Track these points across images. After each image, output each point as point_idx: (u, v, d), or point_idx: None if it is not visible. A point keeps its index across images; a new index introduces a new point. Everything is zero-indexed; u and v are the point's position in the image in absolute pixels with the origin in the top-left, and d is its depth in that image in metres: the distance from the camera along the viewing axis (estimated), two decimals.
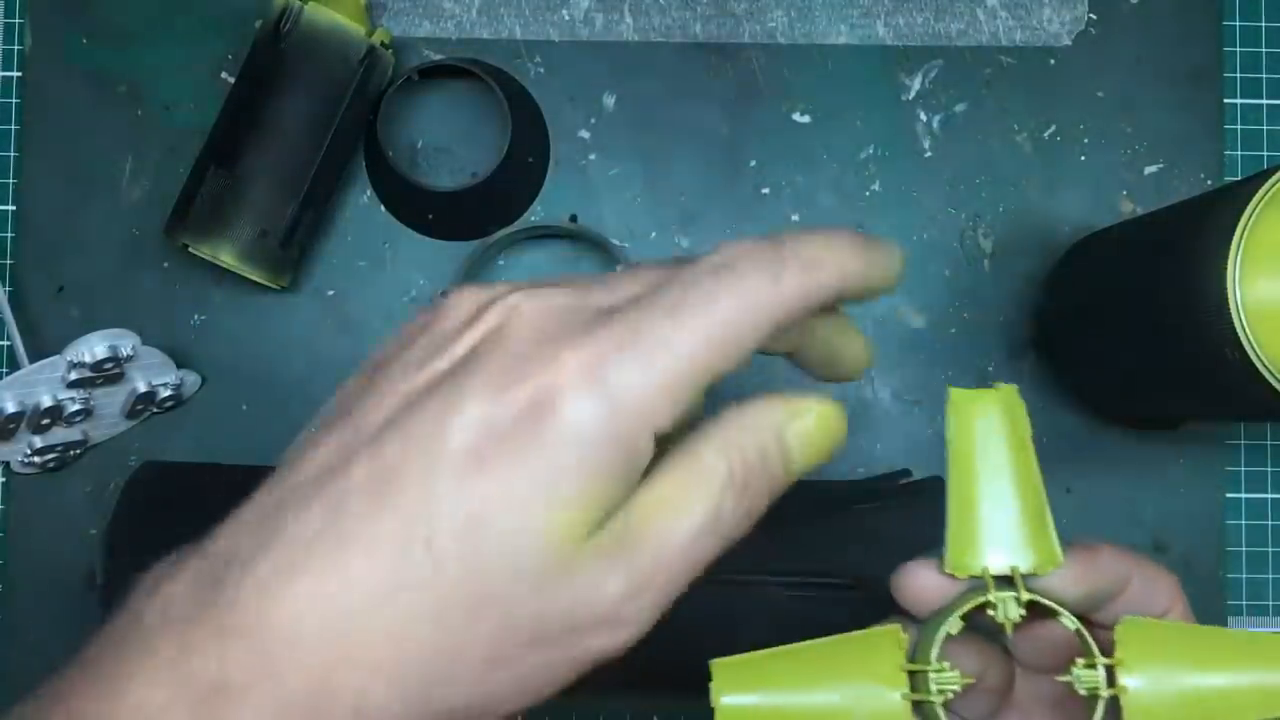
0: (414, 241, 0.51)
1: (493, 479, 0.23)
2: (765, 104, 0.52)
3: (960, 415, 0.30)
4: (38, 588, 0.50)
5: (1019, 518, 0.29)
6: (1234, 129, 0.52)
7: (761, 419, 0.26)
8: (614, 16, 0.52)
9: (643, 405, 0.24)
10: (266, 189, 0.47)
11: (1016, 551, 0.29)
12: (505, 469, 0.23)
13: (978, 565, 0.29)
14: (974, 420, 0.31)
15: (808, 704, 0.29)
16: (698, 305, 0.24)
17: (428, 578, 0.23)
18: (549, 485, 0.23)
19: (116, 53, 0.52)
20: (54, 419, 0.48)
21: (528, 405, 0.23)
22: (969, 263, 0.52)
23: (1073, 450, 0.51)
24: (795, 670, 0.29)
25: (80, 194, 0.51)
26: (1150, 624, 0.29)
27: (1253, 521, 0.51)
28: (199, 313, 0.51)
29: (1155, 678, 0.28)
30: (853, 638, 0.29)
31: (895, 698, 0.28)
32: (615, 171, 0.52)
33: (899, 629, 0.29)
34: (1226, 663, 0.28)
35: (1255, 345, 0.35)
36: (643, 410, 0.24)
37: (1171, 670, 0.28)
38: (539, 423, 0.23)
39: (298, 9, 0.47)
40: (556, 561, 0.23)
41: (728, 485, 0.25)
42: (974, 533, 0.29)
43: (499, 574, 0.23)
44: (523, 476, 0.23)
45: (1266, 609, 0.51)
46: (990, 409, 0.30)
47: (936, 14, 0.52)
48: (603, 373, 0.23)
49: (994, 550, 0.29)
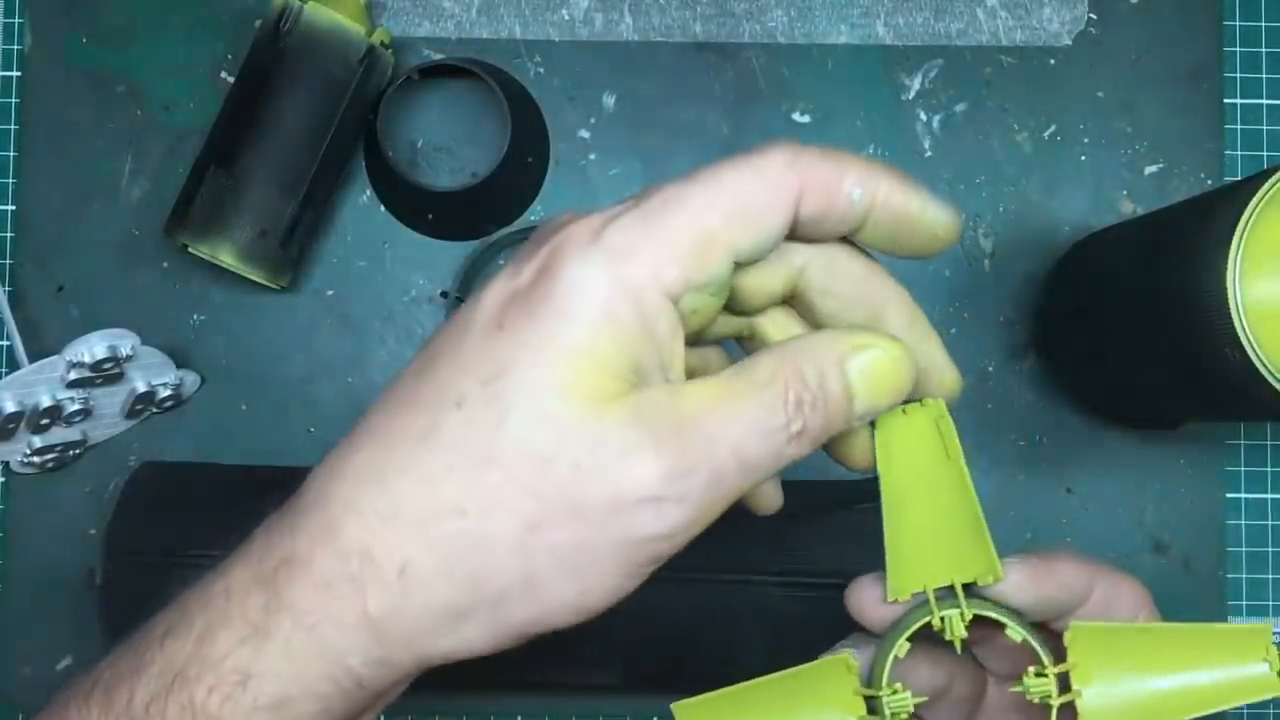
0: (414, 241, 0.51)
1: (511, 337, 0.24)
2: (765, 104, 0.52)
3: (887, 435, 0.30)
4: (37, 587, 0.50)
5: (954, 533, 0.29)
6: (1234, 129, 0.52)
7: (823, 346, 0.26)
8: (614, 16, 0.52)
9: (644, 260, 0.24)
10: (266, 189, 0.47)
11: (955, 566, 0.29)
12: (522, 328, 0.24)
13: (917, 585, 0.29)
14: (902, 439, 0.30)
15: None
16: (706, 176, 0.26)
17: (460, 438, 0.24)
18: (559, 337, 0.24)
19: (116, 53, 0.52)
20: (53, 419, 0.48)
21: (539, 269, 0.25)
22: (969, 263, 0.52)
23: (1073, 450, 0.51)
24: (754, 706, 0.29)
25: (80, 194, 0.51)
26: (1098, 627, 0.29)
27: (1253, 521, 0.51)
28: (198, 313, 0.51)
29: (1107, 680, 0.28)
30: (806, 669, 0.29)
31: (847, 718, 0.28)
32: (615, 171, 0.52)
33: (848, 656, 0.29)
34: (1177, 660, 0.28)
35: (1255, 345, 0.35)
36: (645, 265, 0.24)
37: (1123, 672, 0.28)
38: (548, 282, 0.25)
39: (297, 9, 0.47)
40: (583, 413, 0.24)
41: (780, 399, 0.25)
42: (910, 554, 0.29)
43: (526, 426, 0.24)
44: (536, 331, 0.24)
45: (1267, 609, 0.51)
46: (917, 427, 0.30)
47: (936, 14, 0.52)
48: (604, 232, 0.25)
49: (932, 568, 0.29)
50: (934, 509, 0.29)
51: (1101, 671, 0.28)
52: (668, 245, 0.25)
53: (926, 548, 0.29)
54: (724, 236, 0.25)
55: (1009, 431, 0.51)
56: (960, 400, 0.51)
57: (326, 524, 0.25)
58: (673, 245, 0.25)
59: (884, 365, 0.26)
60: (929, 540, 0.29)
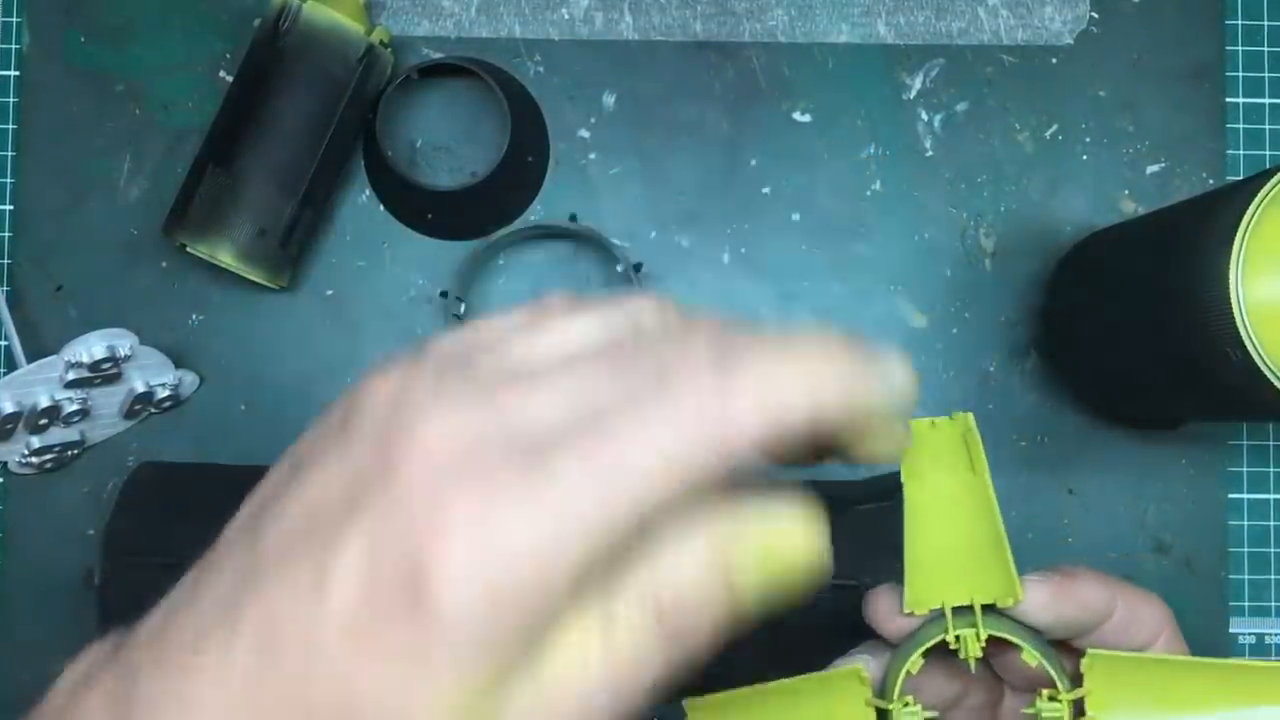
0: (413, 241, 0.51)
1: (368, 661, 0.20)
2: (766, 103, 0.52)
3: (914, 445, 0.29)
4: (35, 588, 0.50)
5: (975, 549, 0.29)
6: (1236, 128, 0.52)
7: (700, 547, 0.22)
8: (614, 15, 0.52)
9: (535, 569, 0.20)
10: (265, 188, 0.47)
11: (974, 584, 0.29)
12: (380, 650, 0.20)
13: (935, 600, 0.29)
14: (929, 450, 0.30)
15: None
16: (614, 449, 0.21)
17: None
18: (426, 671, 0.20)
19: (115, 52, 0.51)
20: (51, 419, 0.48)
21: (406, 570, 0.20)
22: (970, 262, 0.52)
23: (1074, 450, 0.51)
24: (765, 710, 0.29)
25: (78, 194, 0.51)
26: (1117, 657, 0.29)
27: (1255, 522, 0.51)
28: (197, 312, 0.51)
29: (1120, 711, 0.28)
30: (819, 677, 0.29)
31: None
32: (615, 171, 0.52)
33: (861, 667, 0.29)
34: (1195, 696, 0.28)
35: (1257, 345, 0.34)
36: (535, 575, 0.20)
37: (1138, 704, 0.28)
38: (415, 595, 0.20)
39: (296, 8, 0.47)
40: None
41: (642, 639, 0.21)
42: (930, 568, 0.29)
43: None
44: (398, 659, 0.20)
45: (1269, 610, 0.51)
46: (945, 438, 0.30)
47: (938, 13, 0.52)
48: (489, 530, 0.20)
49: (952, 584, 0.29)
50: (956, 523, 0.29)
51: (1116, 701, 0.28)
52: (566, 550, 0.20)
53: (946, 562, 0.29)
54: (638, 513, 0.21)
55: (1010, 431, 0.51)
56: (961, 400, 0.51)
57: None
58: (572, 547, 0.20)
59: (780, 550, 0.22)
60: (949, 554, 0.29)
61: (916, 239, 0.51)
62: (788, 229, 0.51)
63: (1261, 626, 0.51)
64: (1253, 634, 0.51)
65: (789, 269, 0.51)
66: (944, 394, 0.51)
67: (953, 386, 0.51)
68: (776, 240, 0.51)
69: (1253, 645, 0.51)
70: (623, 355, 0.22)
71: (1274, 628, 0.51)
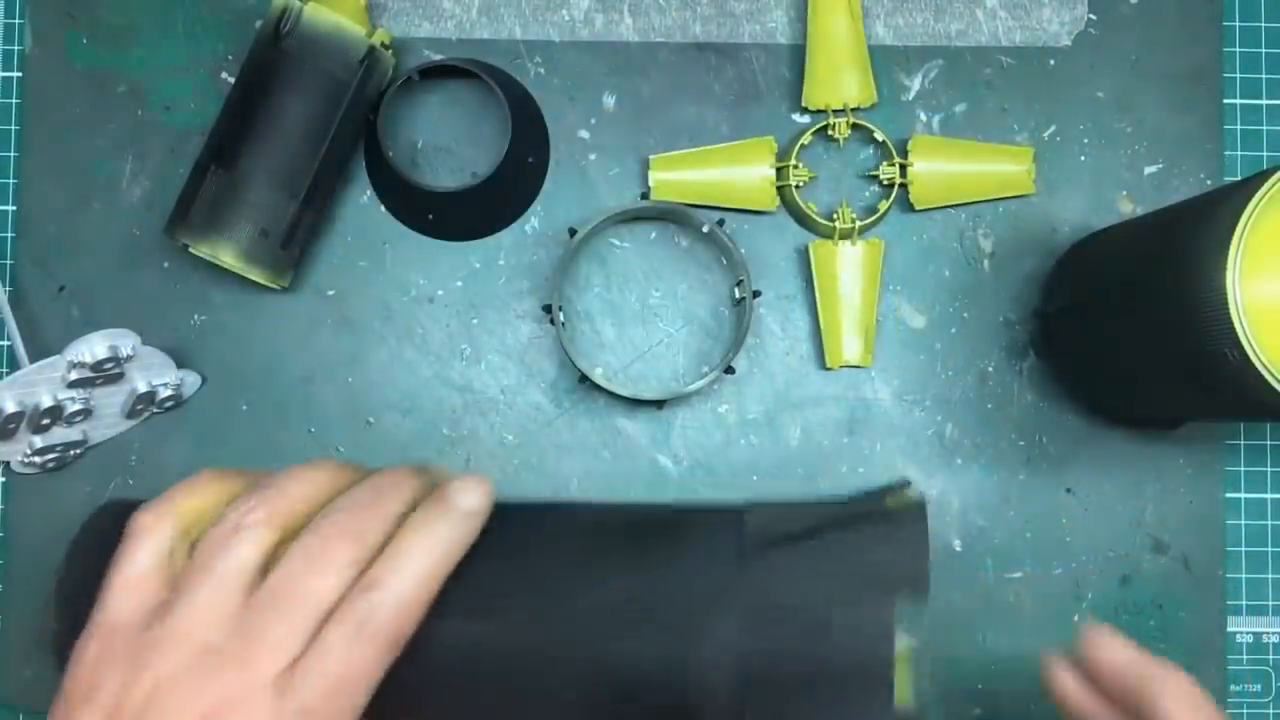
0: (414, 241, 0.51)
1: None
2: (765, 104, 0.52)
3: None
4: (37, 588, 0.50)
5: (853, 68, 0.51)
6: (1234, 129, 0.52)
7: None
8: (614, 17, 0.52)
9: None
10: (267, 189, 0.47)
11: (848, 95, 0.50)
12: None
13: (821, 102, 0.50)
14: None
15: (709, 177, 0.50)
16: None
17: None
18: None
19: (117, 53, 0.52)
20: (54, 419, 0.48)
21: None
22: (969, 262, 0.52)
23: (1072, 450, 0.51)
24: (707, 161, 0.50)
25: (80, 194, 0.51)
26: (929, 139, 0.49)
27: (1252, 521, 0.51)
28: (199, 313, 0.51)
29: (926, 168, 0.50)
30: (739, 145, 0.50)
31: (767, 170, 0.50)
32: (615, 171, 0.52)
33: (771, 140, 0.50)
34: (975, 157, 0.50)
35: (1255, 345, 0.35)
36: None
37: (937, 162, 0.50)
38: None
39: (298, 9, 0.47)
40: None
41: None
42: (821, 83, 0.51)
43: None
44: None
45: (1266, 609, 0.51)
46: None
47: (936, 14, 0.52)
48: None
49: (832, 96, 0.50)
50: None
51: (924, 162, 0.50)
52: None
53: (834, 80, 0.50)
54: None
55: (1009, 431, 0.51)
56: (960, 400, 0.51)
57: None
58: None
59: None
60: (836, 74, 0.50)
61: (915, 239, 0.52)
62: (788, 229, 0.52)
63: (1259, 625, 0.51)
64: (1250, 633, 0.51)
65: (789, 269, 0.51)
66: (943, 394, 0.51)
67: (951, 386, 0.51)
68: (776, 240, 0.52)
69: (1250, 644, 0.51)
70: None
71: (1271, 626, 0.51)
